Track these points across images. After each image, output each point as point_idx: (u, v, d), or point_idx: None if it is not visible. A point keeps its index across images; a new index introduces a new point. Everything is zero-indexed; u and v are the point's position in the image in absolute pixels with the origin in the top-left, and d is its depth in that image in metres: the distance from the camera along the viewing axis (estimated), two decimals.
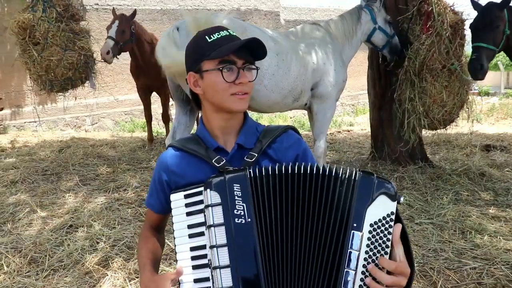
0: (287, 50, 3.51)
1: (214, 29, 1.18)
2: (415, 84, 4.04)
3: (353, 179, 1.01)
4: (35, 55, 4.59)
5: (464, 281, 2.35)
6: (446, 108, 4.02)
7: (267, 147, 1.21)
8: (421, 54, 3.96)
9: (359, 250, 0.96)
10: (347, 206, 0.99)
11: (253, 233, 1.01)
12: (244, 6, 10.18)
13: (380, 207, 0.98)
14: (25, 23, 4.53)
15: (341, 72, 3.78)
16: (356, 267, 0.95)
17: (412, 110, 4.08)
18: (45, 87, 4.80)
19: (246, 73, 1.16)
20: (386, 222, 0.97)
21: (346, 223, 0.98)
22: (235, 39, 1.15)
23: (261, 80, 3.36)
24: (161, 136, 6.98)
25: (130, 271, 2.52)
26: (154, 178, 1.28)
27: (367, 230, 0.97)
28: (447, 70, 3.95)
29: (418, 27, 4.07)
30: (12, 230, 3.11)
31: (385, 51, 4.20)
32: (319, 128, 3.83)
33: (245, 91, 1.16)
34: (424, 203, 3.53)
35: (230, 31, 1.17)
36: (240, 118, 1.26)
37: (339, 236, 0.99)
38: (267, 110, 3.80)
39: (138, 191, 3.94)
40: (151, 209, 1.31)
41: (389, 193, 0.99)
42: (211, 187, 1.04)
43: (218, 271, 0.99)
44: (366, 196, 0.98)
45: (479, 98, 9.72)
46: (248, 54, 1.17)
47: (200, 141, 1.23)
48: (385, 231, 0.97)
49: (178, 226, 1.12)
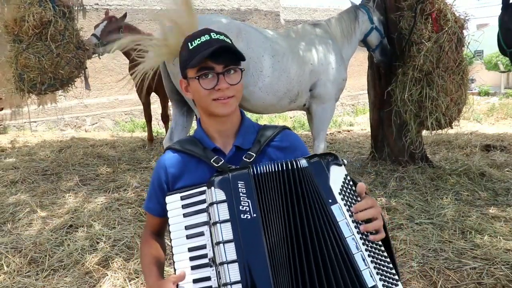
0: (283, 51, 3.47)
1: (197, 33, 1.18)
2: (433, 83, 3.99)
3: (306, 167, 1.09)
4: (45, 51, 4.57)
5: (464, 281, 2.35)
6: (460, 105, 4.04)
7: (265, 146, 1.23)
8: (437, 52, 3.95)
9: (345, 218, 1.05)
10: (317, 189, 1.07)
11: (259, 228, 1.03)
12: (244, 6, 10.18)
13: (337, 175, 1.10)
14: (44, 17, 4.53)
15: (340, 72, 3.75)
16: (352, 231, 1.04)
17: (431, 109, 4.03)
18: (39, 86, 4.73)
19: (227, 77, 1.15)
20: (347, 183, 1.10)
21: (325, 204, 1.06)
22: (214, 44, 1.13)
23: (255, 82, 3.33)
24: (161, 136, 6.98)
25: (130, 271, 2.52)
26: (152, 181, 1.28)
27: (340, 199, 1.07)
28: (461, 68, 3.96)
29: (425, 26, 4.03)
30: (12, 230, 3.11)
31: (377, 52, 4.19)
32: (318, 128, 3.81)
33: (227, 95, 1.16)
34: (424, 203, 3.53)
35: (213, 33, 1.16)
36: (236, 120, 1.26)
37: (326, 217, 1.05)
38: (263, 112, 3.77)
39: (138, 191, 3.94)
40: (151, 213, 1.30)
41: (336, 162, 1.12)
42: (215, 185, 1.06)
43: (226, 266, 1.00)
44: (324, 175, 1.09)
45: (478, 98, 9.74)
46: (229, 58, 1.16)
47: (198, 143, 1.24)
48: (351, 191, 1.10)
49: (175, 228, 1.12)
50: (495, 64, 16.24)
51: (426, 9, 4.04)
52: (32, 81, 4.65)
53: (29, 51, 4.58)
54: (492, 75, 16.49)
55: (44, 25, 4.54)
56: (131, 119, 8.82)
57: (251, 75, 3.30)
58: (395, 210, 3.40)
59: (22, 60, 4.59)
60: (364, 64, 5.79)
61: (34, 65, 4.59)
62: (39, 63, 4.56)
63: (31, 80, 4.64)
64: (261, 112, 3.83)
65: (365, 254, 1.02)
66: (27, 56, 4.56)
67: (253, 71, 3.31)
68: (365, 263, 1.01)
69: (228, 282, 0.99)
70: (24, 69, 4.61)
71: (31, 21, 4.47)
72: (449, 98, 3.98)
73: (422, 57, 4.00)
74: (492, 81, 15.64)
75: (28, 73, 4.60)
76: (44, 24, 4.54)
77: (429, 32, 4.01)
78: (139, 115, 8.54)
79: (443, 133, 4.72)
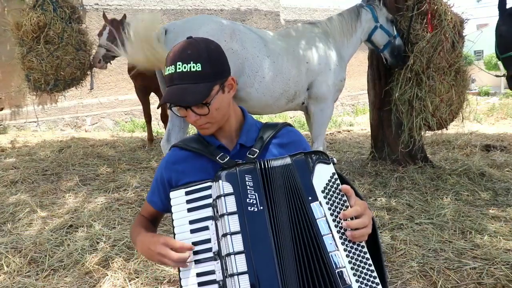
0: (279, 51, 3.44)
1: (169, 58, 1.15)
2: (423, 83, 3.99)
3: (291, 163, 1.11)
4: (45, 54, 4.61)
5: (464, 281, 2.35)
6: (452, 107, 4.02)
7: (268, 143, 1.25)
8: (428, 53, 3.94)
9: (324, 216, 1.06)
10: (296, 186, 1.09)
11: (266, 220, 1.05)
12: (244, 6, 10.18)
13: (322, 173, 1.11)
14: (41, 21, 4.56)
15: (338, 72, 3.70)
16: (330, 229, 1.05)
17: (420, 109, 4.04)
18: (44, 87, 4.80)
19: (196, 109, 1.15)
20: (333, 182, 1.10)
21: (304, 201, 1.08)
22: (175, 81, 1.12)
23: (252, 83, 3.32)
24: (161, 136, 6.98)
25: (130, 271, 2.52)
26: (156, 177, 1.31)
27: (322, 197, 1.08)
28: (453, 69, 3.94)
29: (422, 26, 4.04)
30: (12, 230, 3.11)
31: (386, 52, 4.05)
32: (317, 129, 3.78)
33: (198, 124, 1.19)
34: (424, 203, 3.53)
35: (179, 63, 1.12)
36: (234, 120, 1.28)
37: (304, 214, 1.07)
38: (261, 112, 3.75)
39: (138, 191, 3.94)
40: (152, 206, 1.34)
41: (322, 160, 1.12)
42: (222, 178, 1.09)
43: (233, 257, 1.01)
44: (307, 172, 1.10)
45: (478, 98, 9.74)
46: (191, 98, 1.15)
47: (203, 140, 1.26)
48: (337, 190, 1.10)
49: (178, 223, 1.14)
50: (495, 64, 16.24)
51: (423, 9, 4.05)
52: (38, 82, 4.75)
53: (32, 54, 4.66)
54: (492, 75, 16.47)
55: (41, 29, 4.58)
56: (131, 119, 8.82)
57: (247, 76, 3.29)
58: (395, 210, 3.40)
59: (26, 62, 4.70)
60: (364, 64, 5.78)
61: (37, 67, 4.67)
62: (40, 65, 4.62)
63: (36, 80, 4.74)
64: (259, 113, 3.81)
65: (342, 254, 1.02)
66: (30, 59, 4.65)
67: (249, 72, 3.29)
68: (341, 263, 1.01)
69: (235, 273, 1.00)
70: (29, 70, 4.71)
71: (28, 25, 4.53)
72: (438, 99, 3.97)
73: (413, 57, 4.03)
74: (492, 81, 15.63)
75: (33, 74, 4.71)
76: (41, 28, 4.58)
77: (424, 32, 4.02)
78: (139, 115, 8.53)
79: (443, 133, 4.73)
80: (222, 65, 1.18)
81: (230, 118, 1.26)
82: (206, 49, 1.14)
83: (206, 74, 1.12)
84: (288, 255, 1.03)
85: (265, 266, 1.01)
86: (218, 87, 1.16)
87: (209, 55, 1.14)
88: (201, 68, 1.12)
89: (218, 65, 1.16)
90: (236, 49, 3.21)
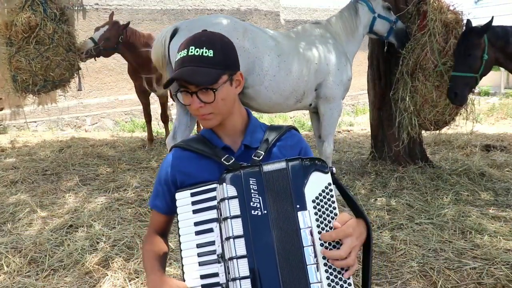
0: (289, 51, 3.48)
1: (184, 43, 1.16)
2: (407, 83, 4.05)
3: (286, 167, 1.08)
4: (34, 54, 4.59)
5: (464, 281, 2.35)
6: (437, 108, 4.02)
7: (273, 146, 1.23)
8: (415, 53, 3.96)
9: (310, 227, 1.02)
10: (289, 191, 1.06)
11: (269, 224, 1.03)
12: (244, 6, 10.18)
13: (316, 183, 1.06)
14: (32, 21, 4.55)
15: (345, 71, 3.73)
16: (313, 242, 1.01)
17: (403, 109, 4.09)
18: (32, 87, 4.76)
19: (201, 95, 1.14)
20: (326, 193, 1.05)
21: (293, 208, 1.04)
22: (186, 63, 1.12)
23: (261, 81, 3.35)
24: (161, 136, 6.98)
25: (130, 271, 2.52)
26: (159, 179, 1.28)
27: (311, 207, 1.04)
28: (439, 70, 3.94)
29: (415, 26, 4.07)
30: (12, 230, 3.11)
31: (391, 37, 4.08)
32: (326, 128, 3.80)
33: (201, 113, 1.17)
34: (424, 203, 3.53)
35: (192, 47, 1.13)
36: (238, 119, 1.26)
37: (292, 221, 1.04)
38: (269, 111, 3.77)
39: (138, 191, 3.94)
40: (157, 211, 1.30)
41: (320, 168, 1.07)
42: (226, 181, 1.07)
43: (235, 261, 1.01)
44: (300, 179, 1.06)
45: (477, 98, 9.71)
46: (200, 79, 1.14)
47: (207, 141, 1.24)
48: (329, 202, 1.05)
49: (184, 224, 1.13)
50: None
51: (421, 9, 4.06)
52: (25, 82, 4.71)
53: (20, 54, 4.63)
54: (492, 75, 16.48)
55: (32, 29, 4.57)
56: (131, 119, 8.82)
57: (257, 74, 3.33)
58: (395, 210, 3.40)
59: (14, 62, 4.66)
60: (364, 64, 5.78)
61: (25, 67, 4.64)
62: (29, 66, 4.60)
63: (23, 81, 4.70)
64: (267, 111, 3.83)
65: (321, 268, 1.00)
66: (19, 59, 4.62)
67: (259, 71, 3.33)
68: (317, 278, 0.99)
69: (237, 277, 0.99)
70: (16, 71, 4.67)
71: (19, 25, 4.51)
72: (422, 99, 3.98)
73: (401, 57, 4.08)
74: (492, 81, 15.63)
75: (20, 75, 4.66)
76: (33, 28, 4.57)
77: (416, 32, 4.04)
78: (139, 115, 8.53)
79: (443, 133, 4.72)
80: (233, 58, 1.19)
81: (234, 116, 1.24)
82: (220, 40, 1.16)
83: (217, 62, 1.13)
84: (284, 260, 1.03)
85: (267, 271, 1.00)
86: (227, 77, 1.16)
87: (222, 46, 1.16)
88: (213, 55, 1.12)
89: (230, 56, 1.17)
90: (247, 48, 3.26)
